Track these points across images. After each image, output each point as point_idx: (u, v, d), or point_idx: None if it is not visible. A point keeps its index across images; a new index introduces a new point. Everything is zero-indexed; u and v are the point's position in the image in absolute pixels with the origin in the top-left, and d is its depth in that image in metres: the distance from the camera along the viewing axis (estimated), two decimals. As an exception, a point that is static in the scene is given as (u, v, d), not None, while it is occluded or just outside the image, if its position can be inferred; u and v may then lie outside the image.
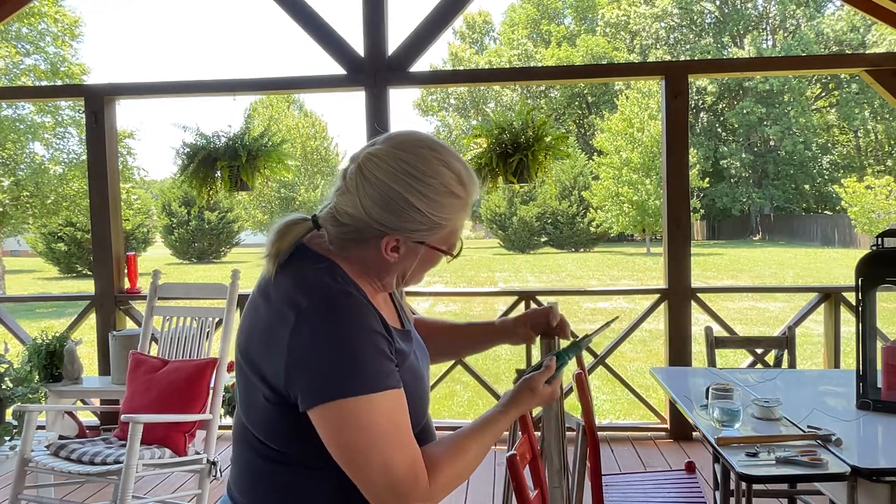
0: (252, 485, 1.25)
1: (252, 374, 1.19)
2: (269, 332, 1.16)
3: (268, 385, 1.16)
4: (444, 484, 1.18)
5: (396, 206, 1.17)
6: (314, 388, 1.11)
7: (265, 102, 35.02)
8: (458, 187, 1.21)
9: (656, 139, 28.87)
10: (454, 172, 1.20)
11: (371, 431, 1.11)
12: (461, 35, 49.72)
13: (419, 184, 1.17)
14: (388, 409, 1.13)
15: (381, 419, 1.12)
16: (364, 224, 1.19)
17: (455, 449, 1.22)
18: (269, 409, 1.18)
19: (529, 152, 4.31)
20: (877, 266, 2.49)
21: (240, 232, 35.04)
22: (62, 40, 17.57)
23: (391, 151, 1.19)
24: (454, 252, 1.27)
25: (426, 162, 1.19)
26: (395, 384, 1.15)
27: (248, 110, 38.82)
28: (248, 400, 1.22)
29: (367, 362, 1.12)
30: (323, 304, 1.14)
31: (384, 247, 1.20)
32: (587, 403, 2.61)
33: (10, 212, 17.34)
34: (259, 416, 1.21)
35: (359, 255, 1.23)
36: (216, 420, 3.42)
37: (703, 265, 22.90)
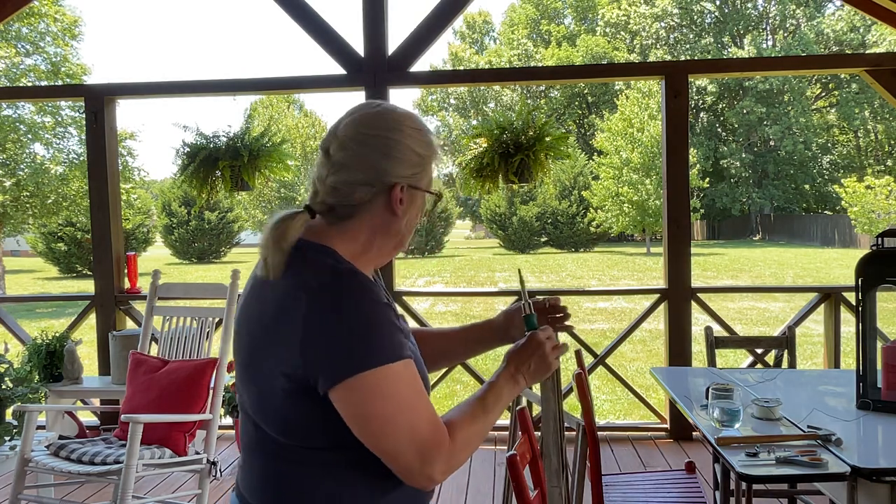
0: (264, 489, 1.26)
1: (264, 371, 1.20)
2: (278, 319, 1.17)
3: (284, 374, 1.16)
4: (462, 444, 1.22)
5: (401, 154, 1.25)
6: (335, 365, 1.13)
7: (265, 102, 35.01)
8: (423, 128, 1.31)
9: (656, 139, 28.87)
10: (415, 121, 1.31)
11: (395, 399, 1.15)
12: (461, 35, 49.73)
13: (409, 128, 1.27)
14: (408, 376, 1.17)
15: (402, 386, 1.16)
16: (372, 181, 1.24)
17: (465, 412, 1.27)
18: (287, 400, 1.18)
19: (530, 152, 4.31)
20: (877, 266, 2.49)
21: (240, 232, 35.03)
22: (62, 40, 17.56)
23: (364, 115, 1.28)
24: (438, 192, 1.34)
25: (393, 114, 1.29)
26: (409, 354, 1.20)
27: (248, 110, 38.85)
28: (262, 401, 1.22)
29: (382, 334, 1.16)
30: (332, 283, 1.17)
31: (395, 200, 1.25)
32: (587, 403, 2.61)
33: (10, 212, 17.33)
34: (276, 412, 1.21)
35: (355, 228, 1.26)
36: (216, 420, 3.42)
37: (703, 265, 22.90)
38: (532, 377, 1.40)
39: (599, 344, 7.71)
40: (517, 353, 1.40)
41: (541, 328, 1.43)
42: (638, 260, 26.98)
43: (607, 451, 4.49)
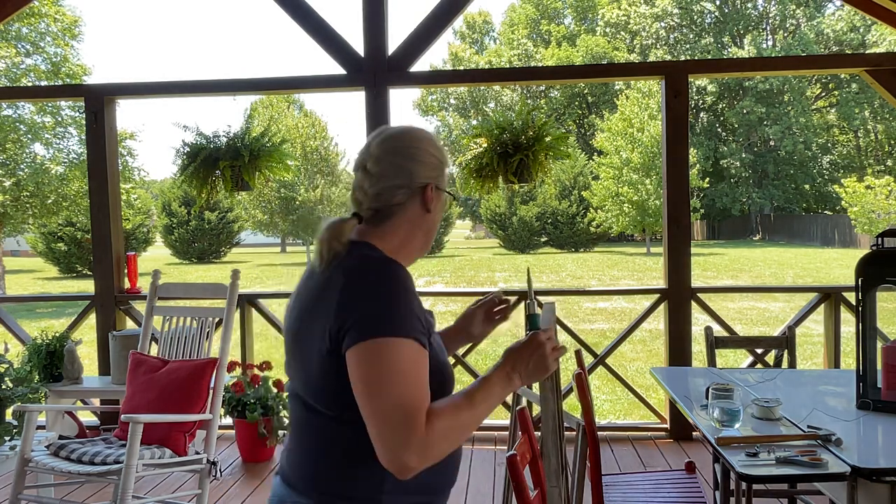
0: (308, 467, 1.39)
1: (310, 338, 1.35)
2: (322, 294, 1.35)
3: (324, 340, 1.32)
4: (441, 434, 1.27)
5: (427, 160, 1.47)
6: (354, 330, 1.28)
7: (265, 102, 34.97)
8: (436, 138, 1.54)
9: (656, 139, 28.87)
10: (429, 133, 1.54)
11: (391, 371, 1.26)
12: (461, 35, 49.73)
13: (430, 141, 1.50)
14: (414, 356, 1.29)
15: (406, 362, 1.27)
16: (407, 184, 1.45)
17: (453, 403, 1.33)
18: (326, 365, 1.32)
19: (530, 152, 4.31)
20: (877, 266, 2.49)
21: (240, 232, 35.03)
22: (62, 40, 17.56)
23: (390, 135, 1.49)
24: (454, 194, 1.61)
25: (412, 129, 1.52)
26: (420, 340, 1.31)
27: (248, 110, 38.82)
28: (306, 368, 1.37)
29: (405, 313, 1.30)
30: (371, 265, 1.36)
31: (428, 198, 1.47)
32: (587, 403, 2.61)
33: (10, 212, 17.33)
34: (318, 379, 1.35)
35: (393, 228, 1.45)
36: (216, 420, 3.42)
37: (703, 265, 22.90)
38: (529, 377, 1.41)
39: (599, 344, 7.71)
40: (516, 352, 1.41)
41: (543, 329, 1.43)
42: (638, 260, 26.98)
43: (607, 451, 4.49)
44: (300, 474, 1.39)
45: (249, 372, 4.56)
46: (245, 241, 38.93)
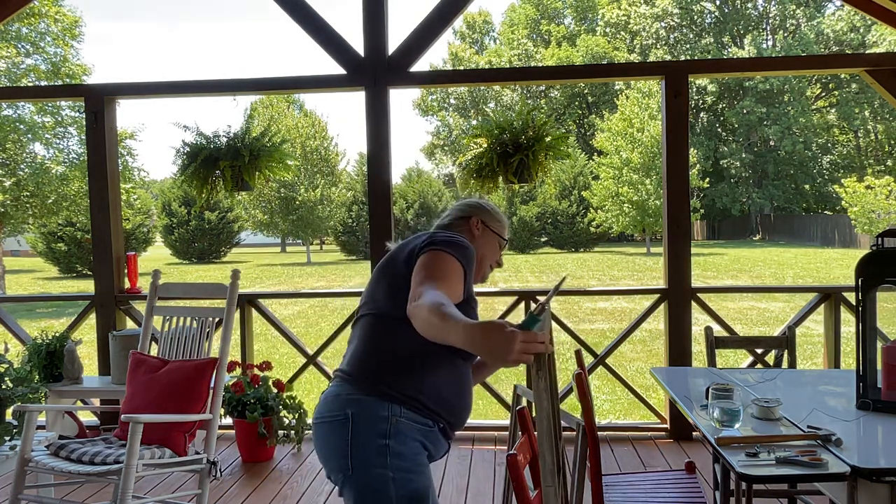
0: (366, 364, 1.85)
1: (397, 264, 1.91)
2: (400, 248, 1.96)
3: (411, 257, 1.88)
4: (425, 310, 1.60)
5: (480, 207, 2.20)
6: (431, 244, 1.87)
7: (265, 102, 34.96)
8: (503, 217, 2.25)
9: (656, 139, 28.87)
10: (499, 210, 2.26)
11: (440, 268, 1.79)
12: (461, 35, 49.73)
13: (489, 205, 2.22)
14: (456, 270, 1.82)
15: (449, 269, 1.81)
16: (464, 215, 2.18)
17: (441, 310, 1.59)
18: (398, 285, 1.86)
19: (530, 152, 4.31)
20: (877, 266, 2.49)
21: (240, 232, 35.03)
22: (62, 40, 17.55)
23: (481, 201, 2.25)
24: (503, 238, 2.19)
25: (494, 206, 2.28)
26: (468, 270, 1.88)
27: (248, 110, 38.80)
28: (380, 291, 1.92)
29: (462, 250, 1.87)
30: (453, 234, 1.95)
31: (474, 225, 2.15)
32: (587, 403, 2.61)
33: (11, 212, 17.33)
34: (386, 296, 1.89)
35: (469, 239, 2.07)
36: (216, 420, 3.42)
37: (703, 265, 22.90)
38: (485, 353, 1.43)
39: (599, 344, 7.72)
40: (492, 328, 1.43)
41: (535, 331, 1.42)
42: (638, 260, 26.98)
43: (607, 451, 4.49)
44: (361, 371, 1.84)
45: (249, 372, 4.56)
46: (245, 241, 38.94)
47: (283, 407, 4.49)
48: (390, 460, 1.73)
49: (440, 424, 1.86)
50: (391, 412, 1.76)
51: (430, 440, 1.84)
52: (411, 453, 1.76)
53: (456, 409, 1.90)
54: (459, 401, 1.91)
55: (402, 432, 1.76)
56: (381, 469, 1.72)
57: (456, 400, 1.90)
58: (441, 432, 1.88)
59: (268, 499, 3.87)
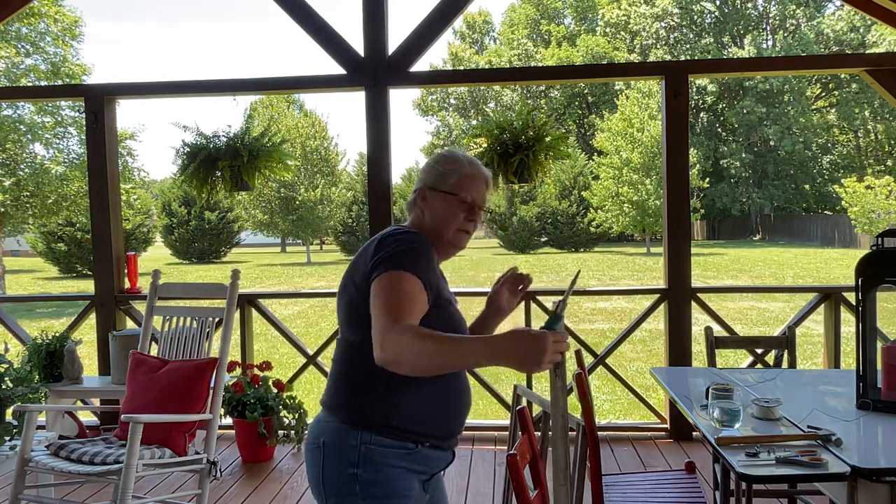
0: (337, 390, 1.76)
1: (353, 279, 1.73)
2: (356, 263, 1.75)
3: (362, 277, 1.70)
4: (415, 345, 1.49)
5: (425, 169, 1.90)
6: (379, 267, 1.66)
7: (265, 102, 34.97)
8: (459, 155, 1.89)
9: (656, 139, 28.87)
10: (460, 152, 1.92)
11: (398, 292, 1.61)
12: (461, 35, 49.72)
13: (437, 155, 1.90)
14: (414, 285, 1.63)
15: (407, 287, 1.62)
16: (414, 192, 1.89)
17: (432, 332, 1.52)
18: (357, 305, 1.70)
19: (530, 152, 4.31)
20: (877, 266, 2.49)
21: (240, 232, 35.02)
22: (62, 40, 17.55)
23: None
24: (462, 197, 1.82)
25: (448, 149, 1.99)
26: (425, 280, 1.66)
27: (248, 110, 38.81)
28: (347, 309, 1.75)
29: (415, 257, 1.67)
30: (398, 233, 1.74)
31: (419, 197, 1.85)
32: (587, 403, 2.61)
33: (11, 212, 17.33)
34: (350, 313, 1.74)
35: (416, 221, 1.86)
36: (216, 420, 3.42)
37: (703, 265, 22.89)
38: (517, 363, 1.43)
39: (599, 344, 7.72)
40: (521, 337, 1.43)
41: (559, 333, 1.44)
42: (638, 260, 26.98)
43: (607, 451, 4.49)
44: (332, 396, 1.76)
45: (249, 372, 4.56)
46: (245, 241, 38.94)
47: (283, 407, 4.49)
48: (360, 489, 1.67)
49: (425, 444, 1.74)
50: (360, 440, 1.68)
51: (416, 462, 1.73)
52: (387, 480, 1.68)
53: (444, 424, 1.77)
54: (446, 414, 1.77)
55: (374, 459, 1.67)
56: (351, 498, 1.68)
57: (442, 414, 1.76)
58: (431, 449, 1.76)
59: (268, 499, 3.87)
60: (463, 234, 1.84)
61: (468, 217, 1.83)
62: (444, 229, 1.81)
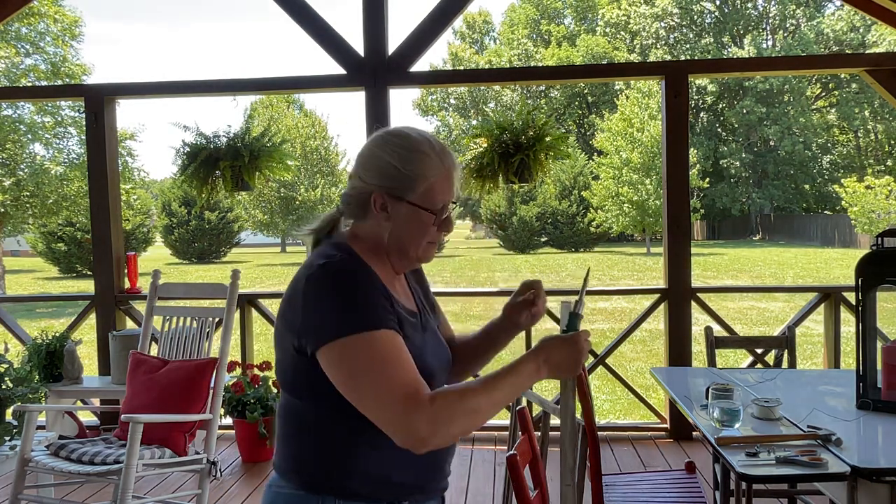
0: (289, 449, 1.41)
1: (281, 334, 1.38)
2: (291, 295, 1.37)
3: (291, 335, 1.34)
4: (447, 407, 1.26)
5: (377, 166, 1.41)
6: (319, 331, 1.29)
7: (265, 102, 34.99)
8: (427, 148, 1.41)
9: (656, 139, 28.87)
10: (425, 139, 1.43)
11: (372, 358, 1.27)
12: (461, 35, 49.71)
13: (394, 145, 1.41)
14: (386, 343, 1.29)
15: (380, 350, 1.28)
16: (359, 191, 1.42)
17: (466, 385, 1.33)
18: (295, 361, 1.35)
19: (530, 152, 4.31)
20: (877, 266, 2.49)
21: (240, 232, 35.02)
22: (62, 40, 17.56)
23: (380, 133, 1.46)
24: (436, 211, 1.41)
25: (401, 131, 1.44)
26: (392, 327, 1.31)
27: (248, 110, 38.83)
28: (283, 360, 1.39)
29: (364, 307, 1.30)
30: (329, 267, 1.33)
31: (374, 205, 1.40)
32: (587, 403, 2.61)
33: (11, 212, 17.33)
34: (288, 371, 1.37)
35: (365, 229, 1.44)
36: (216, 420, 3.42)
37: (703, 265, 22.89)
38: (554, 372, 1.39)
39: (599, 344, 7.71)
40: (554, 346, 1.40)
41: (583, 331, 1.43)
42: (638, 260, 26.98)
43: (607, 451, 4.49)
44: (282, 458, 1.42)
45: (249, 372, 4.56)
46: (245, 241, 38.91)
47: (283, 407, 4.48)
48: None
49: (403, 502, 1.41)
50: None
51: None
52: None
53: (420, 479, 1.42)
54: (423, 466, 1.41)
55: None
56: None
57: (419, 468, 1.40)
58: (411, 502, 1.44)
59: (268, 499, 3.86)
60: (433, 246, 1.45)
61: (442, 227, 1.43)
62: (411, 247, 1.41)
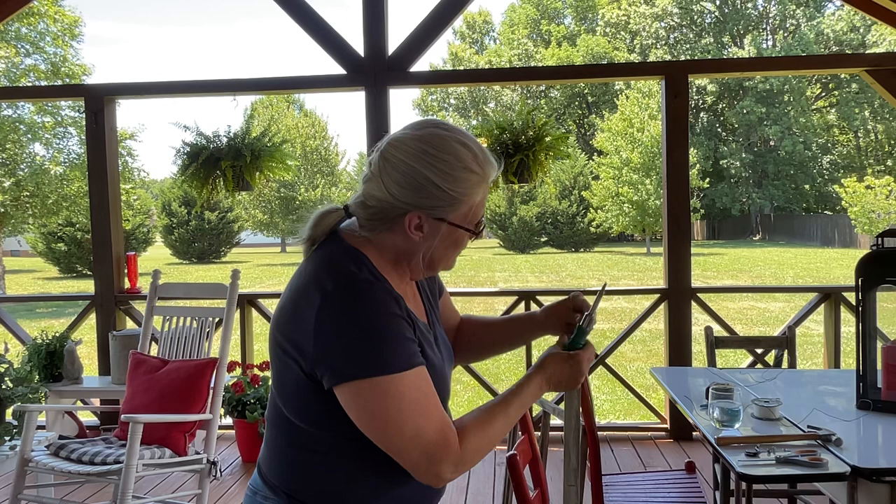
0: (281, 466, 1.31)
1: (283, 350, 1.25)
2: (295, 311, 1.23)
3: (297, 363, 1.22)
4: (474, 448, 1.24)
5: (417, 184, 1.24)
6: (340, 367, 1.18)
7: (265, 102, 35.01)
8: (473, 163, 1.27)
9: (656, 139, 28.87)
10: (470, 150, 1.27)
11: (399, 403, 1.17)
12: (461, 35, 49.70)
13: (437, 161, 1.24)
14: (414, 383, 1.19)
15: (407, 392, 1.18)
16: (388, 205, 1.26)
17: (483, 415, 1.28)
18: (301, 385, 1.24)
19: (530, 152, 4.31)
20: (877, 266, 2.49)
21: (240, 232, 35.04)
22: (62, 40, 17.56)
23: (410, 134, 1.27)
24: (475, 229, 1.32)
25: (442, 140, 1.26)
26: (419, 362, 1.22)
27: (248, 110, 38.85)
28: (281, 376, 1.28)
29: (390, 344, 1.19)
30: (347, 289, 1.20)
31: (408, 225, 1.26)
32: (587, 404, 2.61)
33: (11, 212, 17.33)
34: (291, 393, 1.26)
35: (388, 241, 1.30)
36: (216, 420, 3.42)
37: (703, 265, 22.89)
38: (557, 387, 1.40)
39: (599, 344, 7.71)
40: (557, 362, 1.39)
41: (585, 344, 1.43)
42: (638, 260, 26.98)
43: (607, 451, 4.49)
44: (271, 470, 1.33)
45: (249, 372, 4.56)
46: (245, 241, 38.92)
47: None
48: None
49: None
50: None
51: None
52: None
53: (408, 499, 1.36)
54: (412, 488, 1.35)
55: None
56: None
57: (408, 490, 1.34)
58: None
59: (268, 499, 3.86)
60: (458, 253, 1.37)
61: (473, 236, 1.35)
62: (442, 262, 1.34)
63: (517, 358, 8.36)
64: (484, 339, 1.62)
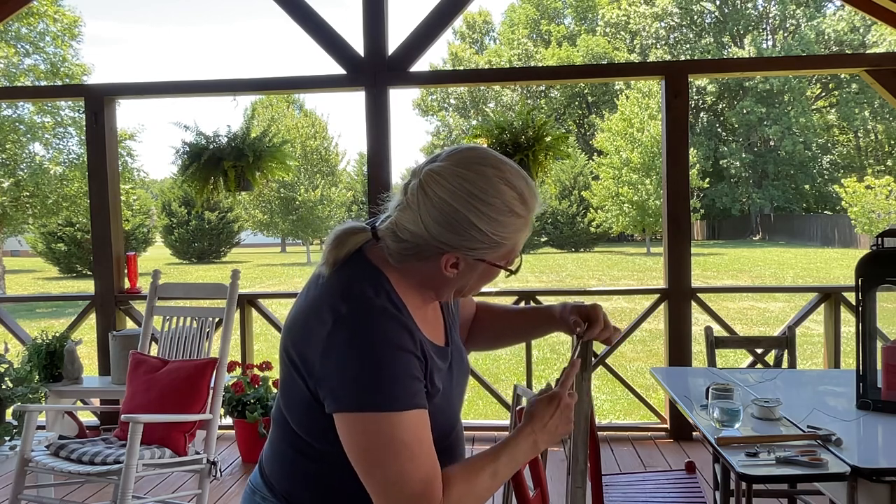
0: (283, 470, 1.30)
1: (291, 360, 1.23)
2: (306, 328, 1.20)
3: (304, 379, 1.20)
4: (456, 500, 1.18)
5: (458, 226, 1.16)
6: (340, 395, 1.15)
7: (265, 102, 34.99)
8: (520, 207, 1.20)
9: (656, 139, 28.87)
10: (517, 192, 1.20)
11: (389, 443, 1.13)
12: (461, 35, 49.69)
13: (481, 204, 1.16)
14: (409, 425, 1.15)
15: (399, 433, 1.13)
16: (424, 241, 1.18)
17: (470, 466, 1.23)
18: (306, 401, 1.21)
19: (530, 152, 4.31)
20: (877, 266, 2.49)
21: (240, 232, 35.04)
22: (62, 40, 17.56)
23: (453, 170, 1.18)
24: (513, 268, 1.27)
25: (488, 181, 1.17)
26: (420, 404, 1.17)
27: (248, 110, 38.83)
28: (287, 383, 1.26)
29: (393, 382, 1.14)
30: (361, 317, 1.16)
31: (444, 264, 1.20)
32: (587, 403, 2.61)
33: (10, 212, 17.33)
34: (296, 404, 1.24)
35: (417, 269, 1.23)
36: (216, 420, 3.42)
37: (703, 265, 22.89)
38: (551, 437, 1.32)
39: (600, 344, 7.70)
40: (539, 413, 1.30)
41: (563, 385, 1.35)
42: (638, 260, 26.98)
43: (607, 451, 4.49)
44: (272, 469, 1.32)
45: (249, 372, 4.56)
46: (245, 241, 38.92)
47: (283, 407, 4.48)
48: None
49: None
50: None
51: None
52: None
53: None
54: None
55: None
56: None
57: None
58: None
59: (268, 499, 3.86)
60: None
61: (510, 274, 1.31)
62: (472, 292, 1.32)
63: (517, 358, 8.35)
64: (496, 328, 1.58)
